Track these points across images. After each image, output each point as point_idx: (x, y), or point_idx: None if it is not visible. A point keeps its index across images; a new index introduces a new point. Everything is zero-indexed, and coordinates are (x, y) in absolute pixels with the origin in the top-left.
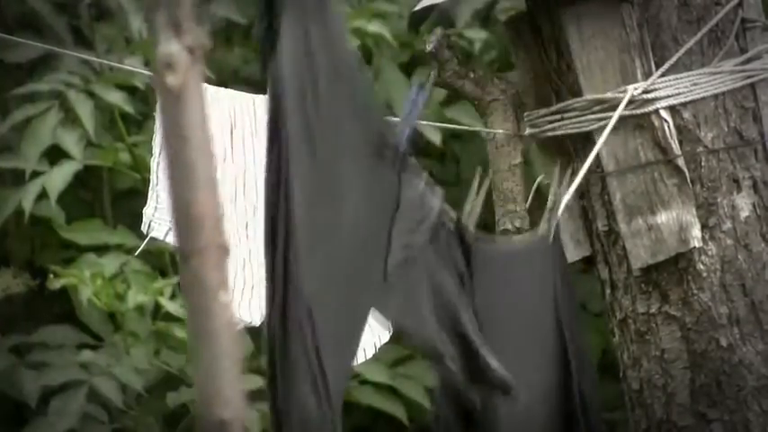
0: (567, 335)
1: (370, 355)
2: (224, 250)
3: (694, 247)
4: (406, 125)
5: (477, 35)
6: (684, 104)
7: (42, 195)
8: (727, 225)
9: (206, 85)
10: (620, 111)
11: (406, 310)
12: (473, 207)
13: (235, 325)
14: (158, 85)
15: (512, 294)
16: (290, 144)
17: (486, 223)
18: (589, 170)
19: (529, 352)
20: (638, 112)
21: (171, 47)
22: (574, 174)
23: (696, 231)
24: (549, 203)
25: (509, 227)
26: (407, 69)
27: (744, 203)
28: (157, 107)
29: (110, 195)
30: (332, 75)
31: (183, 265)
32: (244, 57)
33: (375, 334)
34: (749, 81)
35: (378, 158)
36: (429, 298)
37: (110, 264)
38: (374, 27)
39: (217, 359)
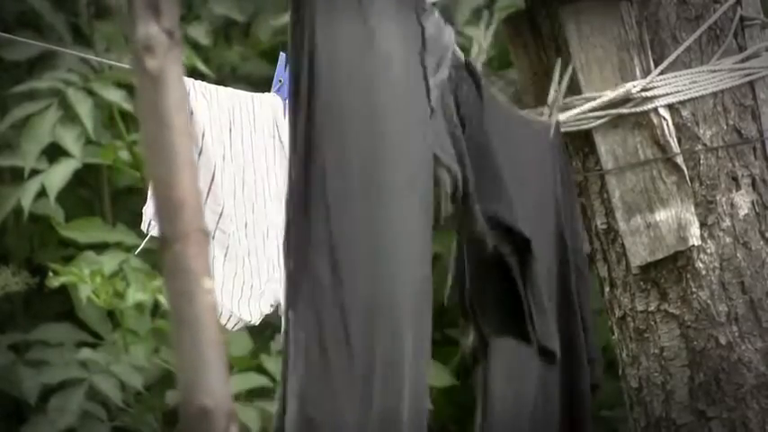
0: (567, 234)
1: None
2: (205, 235)
3: (693, 245)
4: None
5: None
6: (683, 102)
7: (41, 193)
8: (726, 223)
9: (204, 83)
10: (618, 107)
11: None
12: (480, 47)
13: (217, 311)
14: (137, 69)
15: (518, 151)
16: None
17: None
18: (588, 168)
19: (530, 209)
20: (637, 109)
21: (149, 29)
22: (576, 173)
23: (695, 229)
24: (550, 99)
25: None
26: None
27: (743, 201)
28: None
29: (109, 193)
30: None
31: (165, 250)
32: (242, 54)
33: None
34: (748, 79)
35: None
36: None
37: (109, 262)
38: None
39: (199, 346)
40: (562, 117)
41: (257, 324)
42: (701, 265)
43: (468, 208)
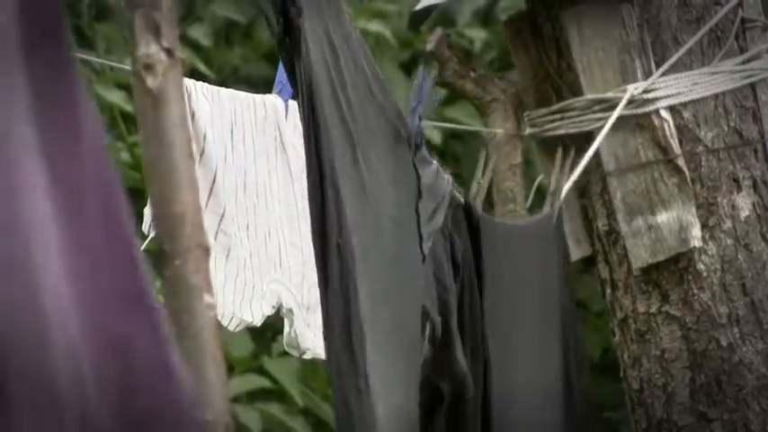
0: (568, 321)
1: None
2: (205, 251)
3: (694, 247)
4: (417, 113)
5: (478, 34)
6: (684, 104)
7: None
8: (728, 225)
9: (206, 84)
10: (620, 109)
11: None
12: (479, 186)
13: (218, 326)
14: (138, 88)
15: (518, 270)
16: (332, 142)
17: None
18: (589, 169)
19: (533, 328)
20: (639, 111)
21: (150, 48)
22: (574, 165)
23: (696, 231)
24: (552, 187)
25: None
26: (407, 69)
27: (744, 203)
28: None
29: None
30: (352, 68)
31: (166, 266)
32: (244, 56)
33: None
34: (749, 81)
35: (399, 148)
36: (434, 287)
37: None
38: (375, 26)
39: (200, 361)
40: (563, 118)
41: (259, 325)
42: (702, 266)
43: (448, 355)
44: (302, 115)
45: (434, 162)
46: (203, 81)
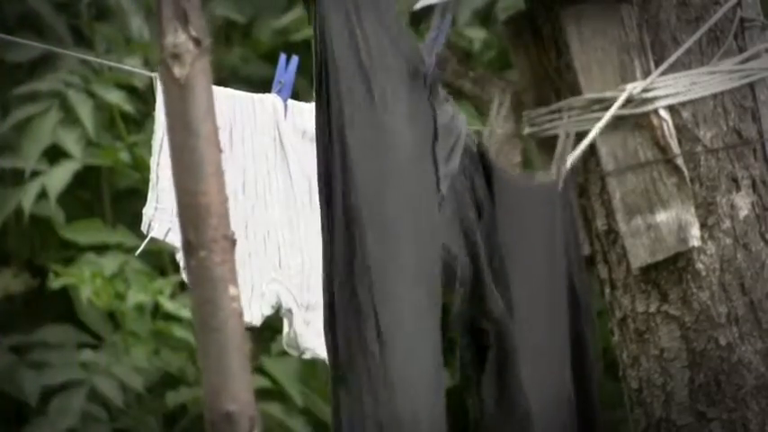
0: (577, 283)
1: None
2: (231, 242)
3: (693, 247)
4: (434, 51)
5: (477, 34)
6: (683, 104)
7: (42, 195)
8: (726, 224)
9: None
10: (615, 107)
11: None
12: (493, 128)
13: (242, 318)
14: (165, 77)
15: (528, 226)
16: (342, 82)
17: None
18: (588, 169)
19: (542, 285)
20: (638, 111)
21: (177, 38)
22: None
23: (695, 231)
24: (558, 153)
25: None
26: None
27: (743, 203)
28: (162, 99)
29: (109, 195)
30: (370, 8)
31: (190, 257)
32: (243, 56)
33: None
34: (748, 80)
35: (415, 87)
36: (458, 228)
37: (109, 263)
38: None
39: (224, 353)
40: (562, 117)
41: (258, 325)
42: (701, 266)
43: (483, 293)
44: (316, 58)
45: (450, 101)
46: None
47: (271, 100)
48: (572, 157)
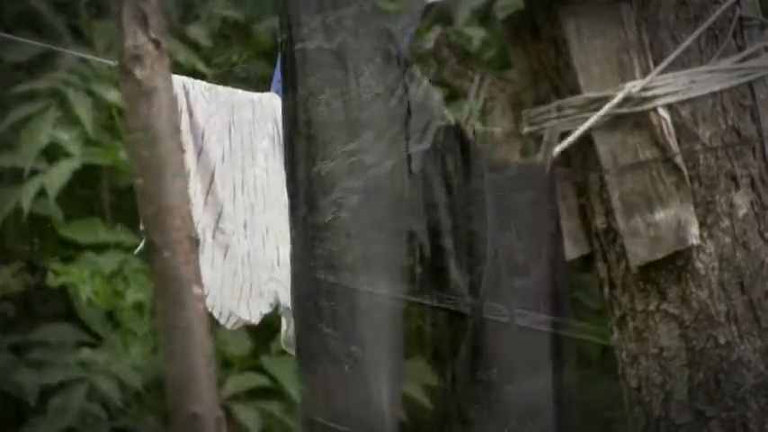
0: (558, 270)
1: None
2: (194, 243)
3: (692, 245)
4: (408, 32)
5: (476, 33)
6: (682, 102)
7: (41, 194)
8: (726, 223)
9: (204, 83)
10: (613, 104)
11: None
12: (471, 111)
13: (208, 318)
14: (126, 79)
15: (509, 200)
16: (314, 59)
17: None
18: (588, 168)
19: (522, 259)
20: (637, 109)
21: (138, 40)
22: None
23: (694, 229)
24: (546, 137)
25: None
26: None
27: (742, 201)
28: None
29: (108, 193)
30: None
31: (155, 257)
32: (242, 55)
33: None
34: (747, 79)
35: (388, 65)
36: (423, 205)
37: (108, 262)
38: None
39: (189, 353)
40: (560, 116)
41: (257, 324)
42: (700, 264)
43: (442, 272)
44: (282, 42)
45: (425, 81)
46: (202, 79)
47: (269, 98)
48: (560, 147)
